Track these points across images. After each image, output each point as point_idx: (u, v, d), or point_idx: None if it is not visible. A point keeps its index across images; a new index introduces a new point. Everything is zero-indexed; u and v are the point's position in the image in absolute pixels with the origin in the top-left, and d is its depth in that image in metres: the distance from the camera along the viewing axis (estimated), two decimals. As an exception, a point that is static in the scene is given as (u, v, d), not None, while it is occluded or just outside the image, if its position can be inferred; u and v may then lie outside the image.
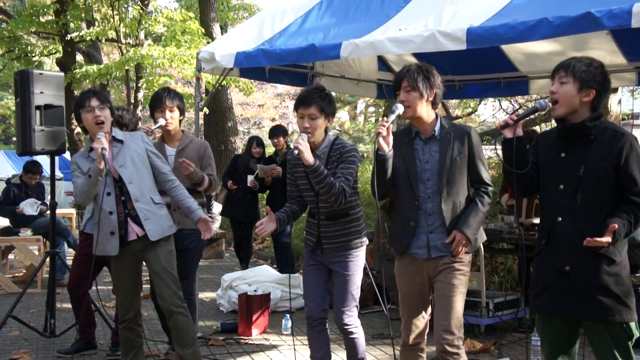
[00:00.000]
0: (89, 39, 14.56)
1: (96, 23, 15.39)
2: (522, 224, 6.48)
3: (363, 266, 4.29)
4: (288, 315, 6.47)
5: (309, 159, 3.89)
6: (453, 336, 3.73)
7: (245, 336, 6.24)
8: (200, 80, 6.93)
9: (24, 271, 9.74)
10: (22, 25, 15.16)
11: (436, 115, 3.83)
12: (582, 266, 3.26)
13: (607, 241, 3.13)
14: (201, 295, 7.76)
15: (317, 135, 4.08)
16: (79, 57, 18.23)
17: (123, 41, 15.61)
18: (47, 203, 8.94)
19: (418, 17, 5.35)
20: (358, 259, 4.22)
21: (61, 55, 16.22)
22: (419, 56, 6.11)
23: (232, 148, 15.26)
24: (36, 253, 9.33)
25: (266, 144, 15.63)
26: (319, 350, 4.33)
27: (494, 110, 19.64)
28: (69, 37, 14.52)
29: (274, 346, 5.97)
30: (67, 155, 14.14)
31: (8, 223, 9.35)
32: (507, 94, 11.68)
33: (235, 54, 6.05)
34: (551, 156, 3.41)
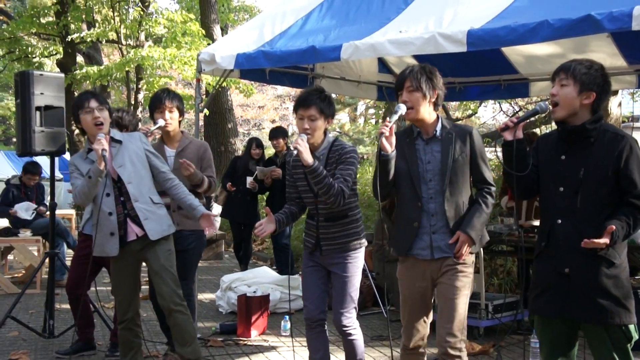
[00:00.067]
0: (90, 40, 14.57)
1: (97, 24, 15.41)
2: (522, 226, 6.48)
3: (362, 268, 4.29)
4: (287, 316, 6.47)
5: (308, 160, 3.89)
6: (455, 339, 3.72)
7: (244, 337, 6.23)
8: (200, 81, 6.94)
9: (23, 272, 9.73)
10: (23, 26, 15.17)
11: (437, 115, 3.83)
12: (582, 268, 3.26)
13: (605, 242, 3.13)
14: (200, 296, 7.76)
15: (317, 136, 4.08)
16: (80, 59, 18.25)
17: (123, 42, 15.63)
18: (47, 204, 8.95)
19: (418, 19, 5.36)
20: (357, 261, 4.22)
21: (61, 56, 16.22)
22: (420, 58, 6.13)
23: (232, 149, 15.27)
24: (35, 254, 9.33)
25: (266, 146, 15.65)
26: (318, 351, 4.32)
27: (494, 112, 19.68)
28: (70, 39, 14.53)
29: (273, 347, 5.97)
30: (67, 156, 14.14)
31: (8, 224, 9.35)
32: (507, 96, 11.67)
33: (235, 56, 6.06)
34: (551, 158, 3.41)
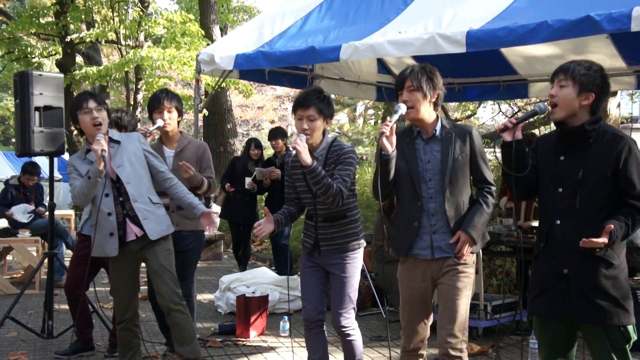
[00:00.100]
0: (89, 41, 14.58)
1: (96, 25, 15.41)
2: (521, 227, 6.48)
3: (361, 268, 4.28)
4: (286, 317, 6.47)
5: (307, 159, 3.89)
6: (457, 339, 3.72)
7: (243, 338, 6.23)
8: (199, 82, 6.93)
9: (22, 272, 9.73)
10: (22, 26, 15.17)
11: (437, 115, 3.82)
12: (581, 269, 3.26)
13: (603, 242, 3.13)
14: (199, 296, 7.77)
15: (316, 137, 4.08)
16: (79, 59, 18.25)
17: (123, 43, 15.64)
18: (46, 204, 8.95)
19: (418, 20, 5.36)
20: (355, 261, 4.21)
21: (61, 56, 16.23)
22: (419, 59, 6.12)
23: (231, 150, 15.27)
24: (34, 254, 9.32)
25: (265, 146, 15.64)
26: (317, 352, 4.32)
27: (493, 113, 19.65)
28: (69, 39, 14.53)
29: (272, 348, 5.97)
30: (66, 156, 14.14)
31: (7, 224, 9.34)
32: (507, 97, 11.67)
33: (234, 56, 6.05)
34: (550, 159, 3.41)
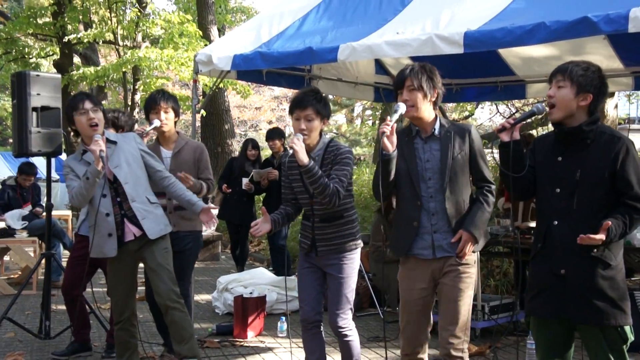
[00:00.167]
0: (87, 41, 14.58)
1: (94, 25, 15.41)
2: (518, 228, 6.49)
3: (358, 269, 4.28)
4: (283, 317, 6.47)
5: (304, 159, 3.89)
6: (458, 340, 3.72)
7: (240, 338, 6.23)
8: (197, 82, 6.92)
9: (20, 273, 9.71)
10: (20, 27, 15.15)
11: (435, 115, 3.82)
12: (578, 269, 3.26)
13: (601, 239, 3.13)
14: (197, 297, 7.76)
15: (313, 137, 4.09)
16: (76, 59, 18.24)
17: (120, 43, 15.62)
18: (43, 204, 8.94)
19: (416, 21, 5.36)
20: (353, 262, 4.21)
21: (58, 57, 16.22)
22: (416, 60, 6.10)
23: (229, 150, 15.26)
24: (32, 255, 9.30)
25: (263, 147, 15.63)
26: (314, 353, 4.32)
27: (491, 114, 19.67)
28: (67, 39, 14.53)
29: (270, 349, 5.97)
30: (64, 157, 14.13)
31: (4, 225, 9.33)
32: (504, 98, 11.68)
33: (232, 57, 6.05)
34: (548, 160, 3.42)
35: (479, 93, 8.58)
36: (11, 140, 15.32)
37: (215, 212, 4.82)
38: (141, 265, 4.86)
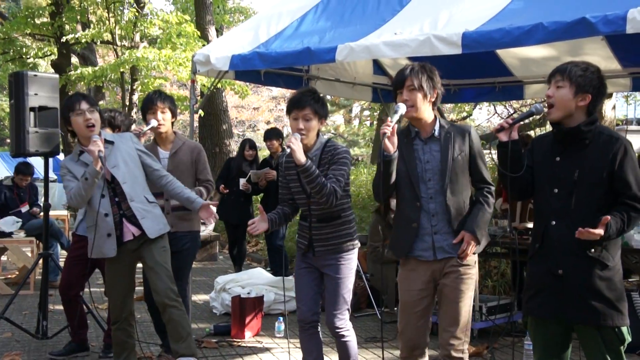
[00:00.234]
0: (84, 41, 14.55)
1: (91, 25, 15.39)
2: (516, 228, 6.48)
3: (355, 269, 4.28)
4: (281, 318, 6.46)
5: (301, 159, 3.88)
6: (459, 341, 3.72)
7: (238, 339, 6.23)
8: (195, 82, 6.92)
9: (17, 273, 9.71)
10: (17, 27, 15.12)
11: (435, 115, 3.81)
12: (576, 270, 3.27)
13: (599, 233, 3.13)
14: (194, 297, 7.76)
15: (311, 137, 4.08)
16: (74, 59, 18.22)
17: (118, 43, 15.61)
18: (41, 204, 8.92)
19: (414, 21, 5.36)
20: (350, 262, 4.20)
21: (56, 57, 16.19)
22: (415, 60, 6.10)
23: (227, 151, 15.25)
24: (29, 255, 9.30)
25: (261, 147, 15.60)
26: (311, 353, 4.32)
27: (489, 114, 19.70)
28: (64, 39, 14.52)
29: (267, 349, 5.96)
30: (61, 157, 14.13)
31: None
32: (502, 99, 11.71)
33: (230, 57, 6.05)
34: (546, 160, 3.42)
35: (477, 94, 8.58)
36: (9, 140, 15.29)
37: (214, 209, 4.82)
38: (139, 265, 4.86)
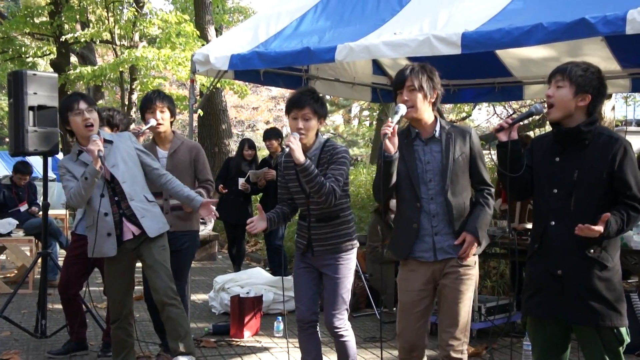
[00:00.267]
0: (84, 41, 14.54)
1: (91, 25, 15.37)
2: (515, 229, 6.49)
3: (354, 269, 4.27)
4: (280, 317, 6.46)
5: (300, 158, 3.88)
6: (458, 342, 3.72)
7: (237, 338, 6.23)
8: (194, 82, 6.91)
9: (16, 272, 9.70)
10: (16, 26, 15.11)
11: (435, 116, 3.81)
12: (575, 270, 3.27)
13: (599, 230, 3.13)
14: (193, 297, 7.75)
15: (310, 136, 4.08)
16: (73, 59, 18.20)
17: (117, 43, 15.60)
18: (39, 203, 8.91)
19: (413, 21, 5.36)
20: (349, 262, 4.20)
21: (55, 56, 16.18)
22: (414, 60, 6.10)
23: (226, 150, 15.25)
24: (28, 254, 9.29)
25: (260, 147, 15.58)
26: (310, 353, 4.32)
27: (488, 115, 19.70)
28: (63, 39, 14.49)
29: (266, 348, 5.96)
30: (60, 156, 14.11)
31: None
32: (502, 99, 11.71)
33: (230, 57, 6.04)
34: (546, 160, 3.42)
35: (477, 94, 8.57)
36: (8, 139, 15.30)
37: (213, 207, 4.82)
38: (138, 264, 4.86)
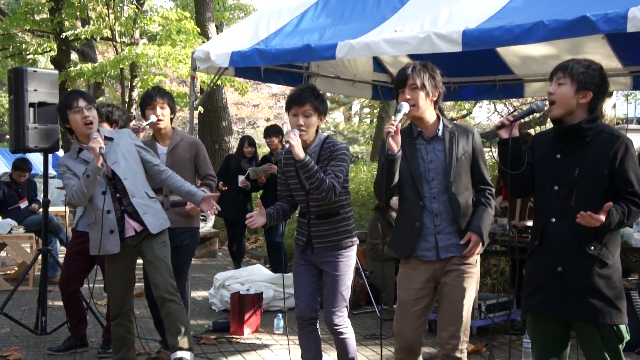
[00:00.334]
0: (84, 38, 14.52)
1: (91, 21, 15.35)
2: (516, 226, 6.49)
3: (354, 266, 4.27)
4: (280, 314, 6.46)
5: (300, 154, 3.87)
6: (458, 341, 3.70)
7: (237, 335, 6.23)
8: (195, 79, 6.90)
9: (16, 268, 9.70)
10: (17, 23, 15.09)
11: (437, 115, 3.80)
12: (575, 267, 3.27)
13: (601, 219, 3.12)
14: (193, 294, 7.75)
15: (310, 133, 4.08)
16: (74, 56, 18.18)
17: (118, 40, 15.57)
18: (39, 200, 8.92)
19: (414, 19, 5.35)
20: (348, 259, 4.20)
21: (56, 53, 16.16)
22: (415, 58, 6.10)
23: (227, 147, 15.24)
24: (28, 250, 9.30)
25: (261, 144, 15.57)
26: (310, 350, 4.32)
27: (489, 112, 19.71)
28: (64, 36, 14.48)
29: (266, 345, 5.97)
30: (61, 153, 14.11)
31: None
32: (502, 97, 11.69)
33: (230, 54, 6.03)
34: (547, 157, 3.41)
35: (477, 91, 8.57)
36: (8, 136, 15.30)
37: (214, 202, 4.82)
38: (139, 261, 4.86)
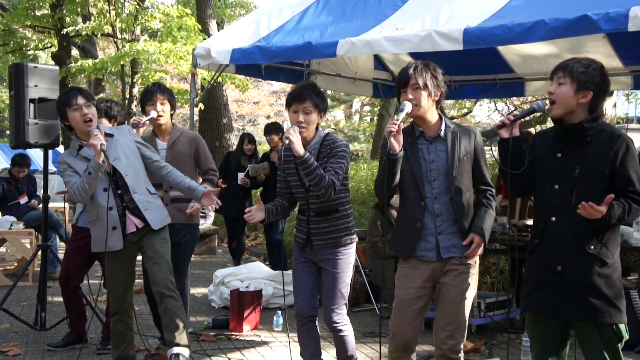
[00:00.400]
0: (85, 34, 14.52)
1: (92, 18, 15.35)
2: (515, 225, 6.49)
3: (353, 264, 4.27)
4: (279, 312, 6.46)
5: (300, 150, 3.88)
6: (455, 341, 3.68)
7: (236, 332, 6.24)
8: (195, 76, 6.90)
9: (16, 264, 9.70)
10: (18, 18, 15.07)
11: (439, 115, 3.80)
12: (574, 266, 3.27)
13: (602, 211, 3.12)
14: (193, 290, 7.76)
15: (310, 130, 4.08)
16: (75, 52, 18.19)
17: (119, 36, 15.57)
18: (39, 195, 8.92)
19: (415, 17, 5.35)
20: (348, 257, 4.21)
21: (56, 49, 16.15)
22: (416, 56, 6.11)
23: (227, 145, 15.24)
24: (28, 246, 9.30)
25: (261, 142, 15.56)
26: (309, 347, 4.32)
27: (489, 111, 19.70)
28: (65, 32, 14.48)
29: (265, 342, 5.97)
30: (61, 149, 14.10)
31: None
32: (503, 96, 11.68)
33: (231, 51, 6.03)
34: (547, 156, 3.41)
35: (478, 90, 8.57)
36: (8, 131, 15.32)
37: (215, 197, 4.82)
38: (139, 258, 4.86)
